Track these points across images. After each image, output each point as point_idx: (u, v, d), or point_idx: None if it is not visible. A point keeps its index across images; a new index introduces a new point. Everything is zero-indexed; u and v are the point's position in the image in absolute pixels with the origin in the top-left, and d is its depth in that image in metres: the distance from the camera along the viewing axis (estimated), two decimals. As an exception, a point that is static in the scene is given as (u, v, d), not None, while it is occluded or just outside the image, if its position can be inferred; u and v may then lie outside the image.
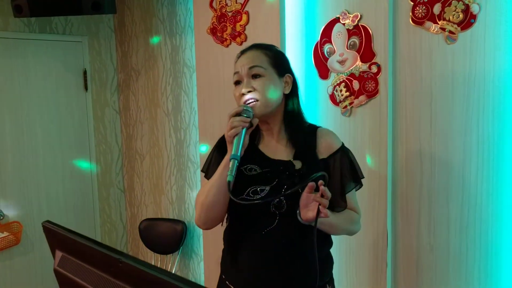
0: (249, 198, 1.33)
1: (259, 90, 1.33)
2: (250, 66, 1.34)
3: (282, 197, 1.31)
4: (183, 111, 2.83)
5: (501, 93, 1.60)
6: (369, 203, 1.92)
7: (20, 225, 2.86)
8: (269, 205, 1.33)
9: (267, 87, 1.34)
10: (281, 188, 1.32)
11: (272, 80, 1.35)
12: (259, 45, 1.43)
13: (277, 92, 1.36)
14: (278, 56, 1.41)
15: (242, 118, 1.27)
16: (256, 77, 1.34)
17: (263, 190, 1.33)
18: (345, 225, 1.41)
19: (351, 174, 1.40)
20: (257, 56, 1.37)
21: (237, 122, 1.27)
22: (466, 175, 1.70)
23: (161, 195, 3.08)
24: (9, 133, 2.84)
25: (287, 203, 1.32)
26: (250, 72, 1.34)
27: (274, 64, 1.37)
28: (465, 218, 1.72)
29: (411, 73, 1.80)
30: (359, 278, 2.01)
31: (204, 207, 1.38)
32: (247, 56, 1.38)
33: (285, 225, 1.33)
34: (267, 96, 1.33)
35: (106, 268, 0.78)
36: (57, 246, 0.91)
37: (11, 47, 2.80)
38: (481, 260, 1.70)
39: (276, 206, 1.33)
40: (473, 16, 1.62)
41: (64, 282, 0.89)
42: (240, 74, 1.36)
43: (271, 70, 1.36)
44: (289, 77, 1.41)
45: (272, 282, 1.35)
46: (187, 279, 0.65)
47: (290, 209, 1.30)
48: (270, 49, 1.42)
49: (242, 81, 1.36)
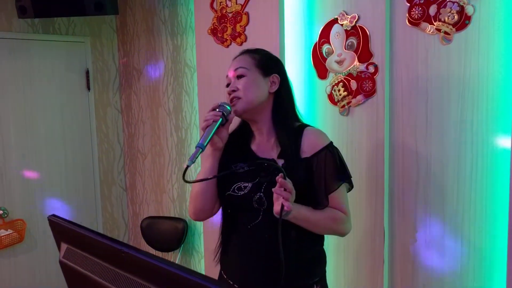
0: (234, 194, 1.43)
1: (241, 89, 1.43)
2: (235, 68, 1.45)
3: (262, 194, 1.38)
4: (184, 111, 2.87)
5: (495, 93, 1.64)
6: (367, 201, 1.95)
7: (23, 223, 2.91)
8: (251, 201, 1.40)
9: (248, 85, 1.43)
10: (261, 185, 1.39)
11: (254, 79, 1.44)
12: (248, 50, 1.53)
13: (259, 90, 1.44)
14: (264, 58, 1.49)
15: (214, 112, 1.38)
16: (240, 77, 1.44)
17: (246, 187, 1.41)
18: (327, 223, 1.42)
19: (336, 173, 1.41)
20: (243, 59, 1.48)
21: (209, 116, 1.37)
22: (461, 173, 1.73)
23: (163, 193, 3.12)
24: (13, 132, 2.89)
25: (267, 200, 1.37)
26: (235, 73, 1.45)
27: (259, 65, 1.46)
28: (460, 216, 1.76)
29: (408, 73, 1.83)
30: (356, 276, 2.04)
31: (192, 198, 1.51)
32: (236, 60, 1.49)
33: (268, 220, 1.38)
34: (247, 94, 1.42)
35: (109, 259, 0.82)
36: (62, 238, 0.94)
37: (15, 47, 2.85)
38: (475, 257, 1.73)
39: (258, 203, 1.39)
40: (467, 18, 1.65)
41: (69, 273, 0.93)
42: (229, 77, 1.47)
43: (254, 70, 1.45)
44: (276, 77, 1.47)
45: (258, 273, 1.41)
46: (187, 267, 0.69)
47: (271, 205, 1.34)
48: (258, 52, 1.51)
49: (230, 83, 1.47)
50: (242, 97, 1.42)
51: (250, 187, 1.40)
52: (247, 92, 1.42)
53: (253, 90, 1.43)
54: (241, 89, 1.42)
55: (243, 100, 1.42)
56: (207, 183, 1.44)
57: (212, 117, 1.37)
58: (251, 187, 1.40)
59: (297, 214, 1.32)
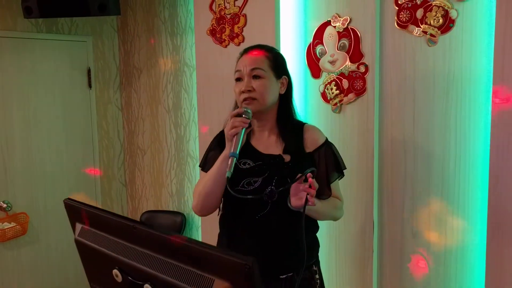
0: (243, 189, 1.47)
1: (258, 91, 1.45)
2: (252, 67, 1.47)
3: (273, 187, 1.43)
4: (183, 108, 2.97)
5: (477, 91, 1.74)
6: (357, 193, 2.06)
7: (26, 216, 2.99)
8: (261, 194, 1.46)
9: (266, 88, 1.47)
10: (272, 179, 1.46)
11: (270, 82, 1.48)
12: (262, 46, 1.55)
13: (274, 93, 1.50)
14: (277, 59, 1.54)
15: (243, 119, 1.40)
16: (256, 78, 1.47)
17: (256, 182, 1.47)
18: (330, 211, 1.56)
19: (335, 165, 1.54)
20: (259, 59, 1.49)
21: (238, 123, 1.39)
22: (446, 167, 1.84)
23: (162, 188, 3.22)
24: (17, 128, 2.97)
25: (278, 193, 1.46)
26: (251, 72, 1.47)
27: (274, 67, 1.50)
28: (444, 210, 1.86)
29: (396, 73, 1.94)
30: (347, 263, 2.15)
31: (201, 196, 1.52)
32: (249, 57, 1.50)
33: (276, 211, 1.47)
34: (264, 97, 1.46)
35: (122, 235, 0.91)
36: (76, 219, 1.04)
37: (19, 46, 2.93)
38: (458, 248, 1.84)
39: (268, 196, 1.45)
40: (451, 21, 1.76)
41: (84, 250, 1.03)
42: (242, 73, 1.48)
43: (270, 73, 1.49)
44: (285, 79, 1.54)
45: (265, 261, 1.47)
46: (194, 239, 0.79)
47: (280, 198, 1.43)
48: (271, 51, 1.54)
49: (242, 79, 1.48)
50: (258, 99, 1.46)
51: (261, 182, 1.47)
52: (264, 95, 1.46)
53: (269, 94, 1.48)
54: (257, 91, 1.45)
55: (259, 102, 1.46)
56: (218, 185, 1.46)
57: (241, 124, 1.39)
58: (261, 182, 1.47)
59: (311, 207, 1.42)
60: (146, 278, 0.85)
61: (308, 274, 1.57)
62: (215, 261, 0.73)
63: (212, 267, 0.74)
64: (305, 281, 1.55)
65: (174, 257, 0.81)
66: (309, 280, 1.58)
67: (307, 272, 1.57)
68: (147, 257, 0.86)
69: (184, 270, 0.79)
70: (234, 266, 0.70)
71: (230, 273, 0.72)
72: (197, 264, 0.77)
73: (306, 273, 1.56)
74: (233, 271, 0.71)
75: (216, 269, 0.74)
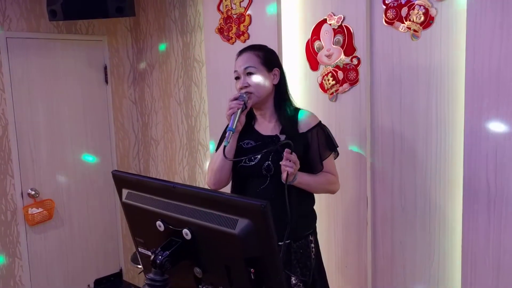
0: (245, 164, 1.77)
1: (252, 85, 1.76)
2: (245, 66, 1.78)
3: (270, 162, 1.72)
4: (193, 100, 3.23)
5: (454, 81, 1.99)
6: (353, 173, 2.32)
7: (52, 202, 3.27)
8: (260, 169, 1.75)
9: (258, 82, 1.77)
10: (269, 155, 1.74)
11: (262, 76, 1.78)
12: (252, 47, 1.86)
13: (267, 85, 1.79)
14: (267, 55, 1.82)
15: (238, 102, 1.71)
16: (250, 74, 1.77)
17: (256, 158, 1.77)
18: (323, 184, 1.82)
19: (327, 143, 1.82)
20: (250, 58, 1.79)
21: (234, 104, 1.70)
22: (428, 148, 2.10)
23: (175, 175, 3.48)
24: (43, 122, 3.25)
25: (274, 167, 1.73)
26: (245, 71, 1.78)
27: (264, 63, 1.79)
28: (428, 183, 2.12)
29: (385, 65, 2.18)
30: (344, 235, 2.41)
31: (213, 171, 1.82)
32: (242, 57, 1.81)
33: (274, 184, 1.75)
34: (258, 90, 1.77)
35: (163, 193, 1.18)
36: (123, 186, 1.30)
37: (42, 46, 3.20)
38: (440, 216, 2.10)
39: (266, 170, 1.75)
40: (431, 18, 2.01)
41: (130, 210, 1.29)
42: (238, 72, 1.80)
43: (261, 68, 1.78)
44: (277, 71, 1.83)
45: None
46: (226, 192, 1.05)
47: (277, 172, 1.71)
48: (261, 49, 1.83)
49: (240, 77, 1.80)
50: (254, 92, 1.76)
51: (260, 158, 1.76)
52: (258, 88, 1.76)
53: (262, 86, 1.78)
54: (252, 86, 1.75)
55: (255, 95, 1.76)
56: (225, 160, 1.72)
57: (236, 105, 1.69)
58: (260, 158, 1.76)
59: (301, 180, 1.71)
60: (184, 225, 1.12)
61: (304, 243, 1.83)
62: (237, 205, 1.00)
63: (235, 210, 1.01)
64: (300, 249, 1.82)
65: (205, 205, 1.08)
66: (305, 248, 1.84)
67: (304, 241, 1.83)
68: (184, 208, 1.12)
69: (213, 215, 1.05)
70: (253, 207, 0.96)
71: (250, 213, 0.98)
72: (223, 209, 1.03)
73: (302, 242, 1.83)
74: (252, 211, 0.97)
75: (239, 211, 1.00)
